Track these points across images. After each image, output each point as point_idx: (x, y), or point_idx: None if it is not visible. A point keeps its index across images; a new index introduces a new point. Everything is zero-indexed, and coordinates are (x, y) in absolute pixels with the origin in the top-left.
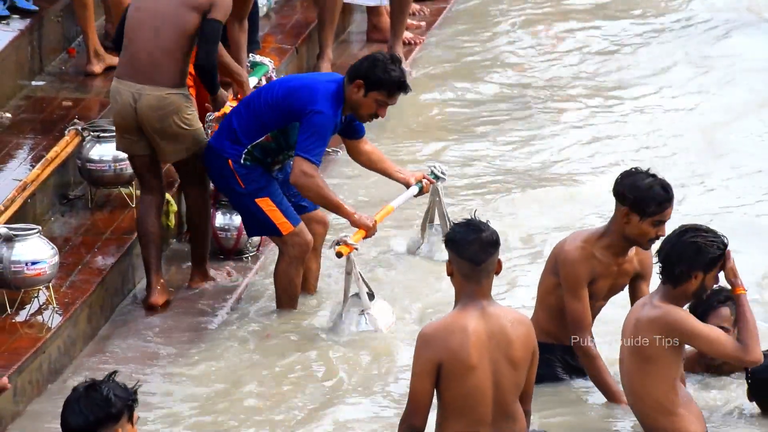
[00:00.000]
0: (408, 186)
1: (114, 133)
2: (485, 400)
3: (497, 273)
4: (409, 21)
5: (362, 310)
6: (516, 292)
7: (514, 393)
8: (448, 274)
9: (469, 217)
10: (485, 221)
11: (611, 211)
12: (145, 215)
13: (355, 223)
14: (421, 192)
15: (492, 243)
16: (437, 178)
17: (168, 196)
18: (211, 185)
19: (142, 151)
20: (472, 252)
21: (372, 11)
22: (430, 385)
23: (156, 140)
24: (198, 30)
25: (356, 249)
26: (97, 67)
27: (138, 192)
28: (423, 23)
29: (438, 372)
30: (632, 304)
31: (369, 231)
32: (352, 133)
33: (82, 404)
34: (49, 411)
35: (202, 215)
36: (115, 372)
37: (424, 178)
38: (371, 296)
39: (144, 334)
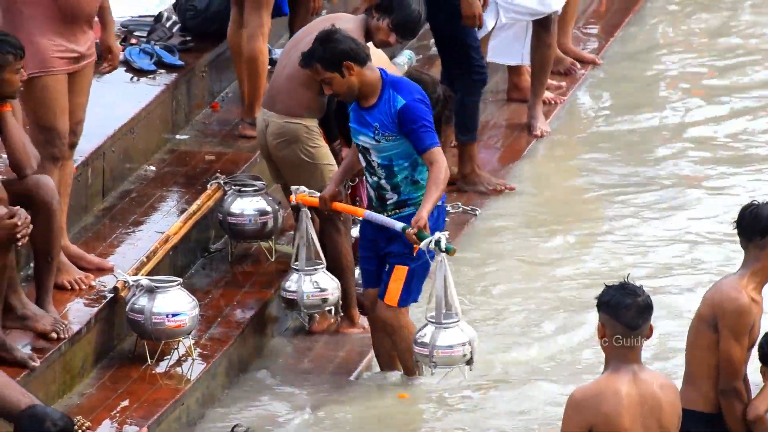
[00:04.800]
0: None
1: (254, 188)
2: None
3: (648, 338)
4: (549, 81)
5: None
6: None
7: None
8: (600, 337)
9: (624, 281)
10: (639, 285)
11: None
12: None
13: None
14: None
15: (647, 308)
16: (437, 244)
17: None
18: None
19: (282, 180)
20: (629, 317)
21: (513, 70)
22: None
23: (282, 169)
24: None
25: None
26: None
27: (277, 246)
28: (564, 83)
29: None
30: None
31: (318, 203)
32: None
33: None
34: None
35: (336, 257)
36: (237, 425)
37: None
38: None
39: (279, 387)
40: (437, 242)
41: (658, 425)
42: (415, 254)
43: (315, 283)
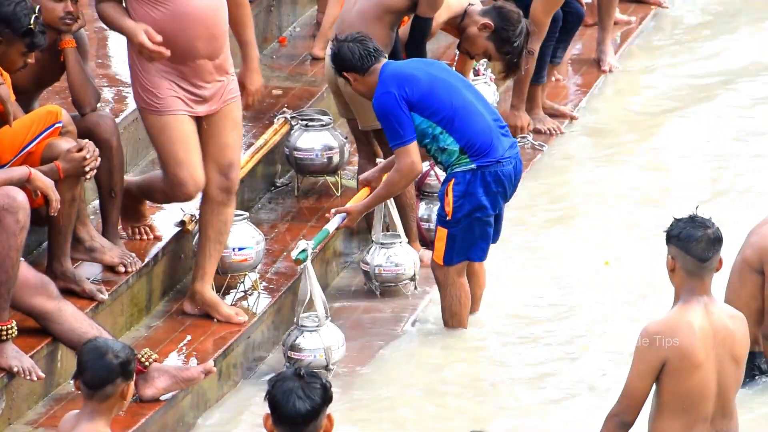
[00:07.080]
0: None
1: (321, 122)
2: (708, 397)
3: (718, 270)
4: (618, 16)
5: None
6: None
7: (735, 390)
8: (669, 270)
9: (693, 213)
10: (708, 218)
11: None
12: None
13: None
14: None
15: (718, 240)
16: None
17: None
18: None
19: (350, 114)
20: (700, 249)
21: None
22: (651, 382)
23: (351, 103)
24: (404, 10)
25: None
26: (321, 52)
27: (343, 180)
28: (633, 18)
29: (660, 369)
30: None
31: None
32: None
33: (307, 391)
34: (252, 395)
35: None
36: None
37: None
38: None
39: (340, 324)
40: (300, 248)
41: (731, 356)
42: (449, 219)
43: (389, 258)
